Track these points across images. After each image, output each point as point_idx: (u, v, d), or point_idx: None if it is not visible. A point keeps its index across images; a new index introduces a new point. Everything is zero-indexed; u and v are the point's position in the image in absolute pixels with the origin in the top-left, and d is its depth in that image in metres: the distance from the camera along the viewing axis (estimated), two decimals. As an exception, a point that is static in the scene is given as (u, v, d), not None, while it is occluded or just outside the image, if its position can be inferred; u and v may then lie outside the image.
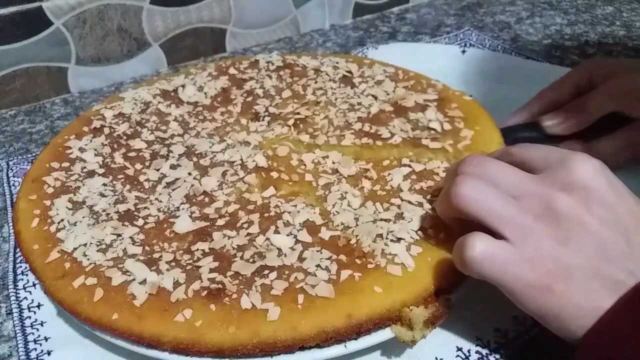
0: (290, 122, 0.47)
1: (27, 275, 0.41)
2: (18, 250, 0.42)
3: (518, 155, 0.33)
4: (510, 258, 0.28)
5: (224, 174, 0.41)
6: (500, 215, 0.29)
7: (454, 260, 0.31)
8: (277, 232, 0.35)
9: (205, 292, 0.31)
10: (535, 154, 0.32)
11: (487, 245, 0.28)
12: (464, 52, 0.65)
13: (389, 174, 0.40)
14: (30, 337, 0.37)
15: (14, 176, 0.52)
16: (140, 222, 0.37)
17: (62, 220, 0.37)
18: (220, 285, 0.32)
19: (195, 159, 0.43)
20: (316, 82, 0.52)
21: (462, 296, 0.33)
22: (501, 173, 0.31)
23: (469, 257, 0.29)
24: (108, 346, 0.35)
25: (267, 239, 0.35)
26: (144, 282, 0.32)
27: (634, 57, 0.65)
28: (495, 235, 0.29)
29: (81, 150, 0.44)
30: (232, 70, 0.55)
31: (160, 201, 0.39)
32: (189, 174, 0.41)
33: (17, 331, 0.37)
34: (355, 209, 0.37)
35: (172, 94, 0.52)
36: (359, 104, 0.48)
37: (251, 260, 0.33)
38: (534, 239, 0.28)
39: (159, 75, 0.66)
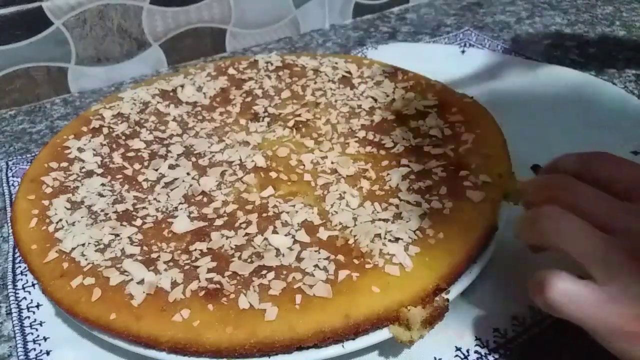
0: (290, 123, 0.47)
1: (26, 275, 0.41)
2: (17, 250, 0.42)
3: (605, 173, 0.30)
4: (594, 300, 0.26)
5: (222, 174, 0.41)
6: (589, 252, 0.27)
7: (530, 295, 0.29)
8: (275, 232, 0.35)
9: (203, 292, 0.31)
10: (627, 175, 0.29)
11: (567, 285, 0.27)
12: (463, 52, 0.65)
13: (388, 174, 0.39)
14: (30, 337, 0.37)
15: (13, 176, 0.52)
16: (138, 222, 0.37)
17: (60, 220, 0.37)
18: (218, 285, 0.32)
19: (193, 159, 0.43)
20: (315, 83, 0.52)
21: (460, 296, 0.33)
22: (593, 202, 0.28)
23: (548, 298, 0.27)
24: (106, 346, 0.35)
25: (265, 239, 0.35)
26: (141, 282, 0.32)
27: (634, 58, 0.65)
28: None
29: (80, 150, 0.44)
30: (231, 71, 0.55)
31: (159, 201, 0.39)
32: (188, 174, 0.41)
33: (16, 331, 0.37)
34: (353, 209, 0.37)
35: (171, 94, 0.52)
36: (359, 106, 0.48)
37: (249, 260, 0.33)
38: (623, 278, 0.26)
39: (159, 75, 0.66)
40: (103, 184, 0.41)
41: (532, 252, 0.31)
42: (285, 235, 0.35)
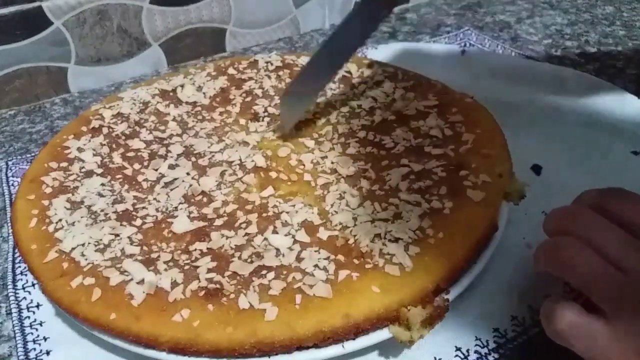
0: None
1: (26, 275, 0.41)
2: (17, 250, 0.42)
3: (622, 210, 0.30)
4: (599, 335, 0.27)
5: (222, 174, 0.41)
6: (602, 290, 0.28)
7: (542, 322, 0.30)
8: (275, 232, 0.35)
9: (203, 292, 0.31)
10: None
11: (575, 318, 0.28)
12: (463, 52, 0.65)
13: (388, 174, 0.39)
14: (30, 337, 0.37)
15: (13, 176, 0.52)
16: (138, 222, 0.37)
17: (60, 220, 0.37)
18: (218, 285, 0.32)
19: (193, 159, 0.43)
20: (315, 82, 0.52)
21: (460, 296, 0.33)
22: (608, 238, 0.29)
23: (556, 329, 0.28)
24: (106, 346, 0.35)
25: (265, 239, 0.35)
26: (141, 282, 0.32)
27: (634, 58, 0.65)
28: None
29: (80, 150, 0.44)
30: (231, 71, 0.55)
31: (159, 201, 0.39)
32: (188, 173, 0.41)
33: (16, 331, 0.37)
34: (353, 209, 0.37)
35: (171, 94, 0.52)
36: (359, 106, 0.48)
37: (249, 260, 0.33)
38: (631, 317, 0.27)
39: (159, 75, 0.67)
40: (103, 184, 0.41)
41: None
42: (285, 235, 0.35)
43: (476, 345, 0.34)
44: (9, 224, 0.46)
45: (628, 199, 0.30)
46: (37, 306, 0.39)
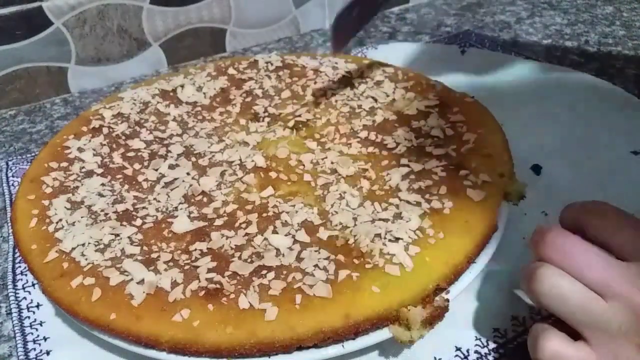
0: (290, 123, 0.47)
1: (26, 275, 0.41)
2: (17, 250, 0.42)
3: (602, 228, 0.29)
4: None
5: (222, 174, 0.41)
6: (581, 318, 0.28)
7: (528, 349, 0.30)
8: (275, 232, 0.35)
9: (203, 292, 0.31)
10: (623, 235, 0.29)
11: (559, 346, 0.28)
12: (463, 52, 0.65)
13: (388, 173, 0.39)
14: (30, 337, 0.37)
15: (13, 176, 0.52)
16: (138, 222, 0.37)
17: (60, 220, 0.37)
18: (218, 285, 0.32)
19: (193, 159, 0.43)
20: (315, 83, 0.52)
21: (460, 296, 0.33)
22: (587, 266, 0.28)
23: (539, 357, 0.28)
24: (106, 346, 0.35)
25: (265, 239, 0.35)
26: (141, 282, 0.32)
27: (633, 57, 0.65)
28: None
29: (80, 150, 0.44)
30: (231, 71, 0.55)
31: (159, 201, 0.39)
32: (188, 174, 0.41)
33: (17, 331, 0.37)
34: (353, 209, 0.37)
35: (171, 94, 0.52)
36: (360, 107, 0.48)
37: (249, 260, 0.33)
38: (615, 346, 0.27)
39: (159, 75, 0.67)
40: (103, 184, 0.41)
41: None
42: (285, 235, 0.35)
43: (476, 345, 0.34)
44: (9, 224, 0.46)
45: (607, 217, 0.30)
46: (37, 306, 0.39)
